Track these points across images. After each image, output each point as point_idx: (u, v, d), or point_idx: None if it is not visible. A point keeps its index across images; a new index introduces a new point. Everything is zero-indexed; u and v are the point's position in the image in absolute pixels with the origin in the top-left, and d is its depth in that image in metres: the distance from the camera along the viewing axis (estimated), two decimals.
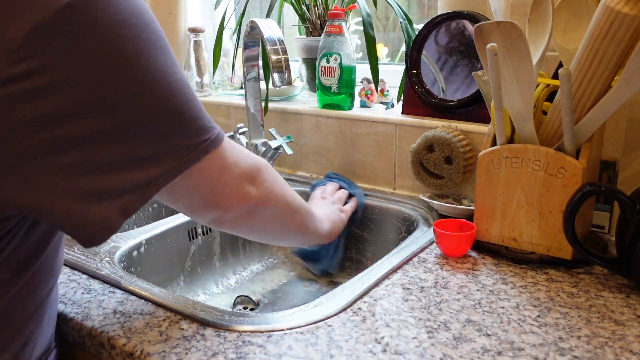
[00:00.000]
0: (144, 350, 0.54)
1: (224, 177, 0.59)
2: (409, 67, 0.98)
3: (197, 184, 0.57)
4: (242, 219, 0.65)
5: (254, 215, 0.65)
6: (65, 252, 0.78)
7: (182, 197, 0.58)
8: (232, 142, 0.60)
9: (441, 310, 0.61)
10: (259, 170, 0.64)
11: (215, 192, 0.59)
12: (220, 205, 0.61)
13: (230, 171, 0.60)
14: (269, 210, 0.67)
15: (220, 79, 1.36)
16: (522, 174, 0.71)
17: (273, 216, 0.69)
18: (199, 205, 0.60)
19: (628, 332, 0.56)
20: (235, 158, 0.61)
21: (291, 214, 0.72)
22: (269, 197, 0.66)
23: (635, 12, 0.61)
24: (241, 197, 0.62)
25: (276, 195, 0.68)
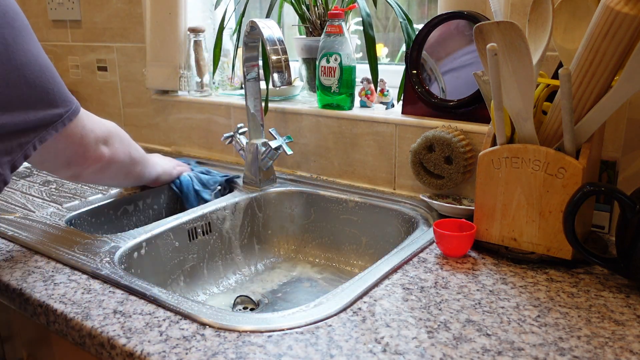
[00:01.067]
0: (144, 350, 0.54)
1: (84, 140, 0.75)
2: (409, 67, 0.98)
3: (62, 147, 0.73)
4: (96, 173, 0.83)
5: (106, 170, 0.83)
6: (65, 252, 0.78)
7: (49, 158, 0.75)
8: (87, 112, 0.77)
9: (441, 310, 0.61)
10: (110, 133, 0.82)
11: (77, 153, 0.76)
12: (80, 164, 0.78)
13: (88, 136, 0.76)
14: (117, 165, 0.85)
15: (220, 79, 1.36)
16: (522, 174, 0.71)
17: (120, 169, 0.88)
18: (62, 164, 0.77)
19: (628, 332, 0.56)
20: (91, 125, 0.77)
21: (134, 166, 0.92)
22: (118, 155, 0.84)
23: (635, 12, 0.61)
24: (97, 157, 0.79)
25: (124, 152, 0.86)
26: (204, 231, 0.94)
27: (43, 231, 0.86)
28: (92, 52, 1.56)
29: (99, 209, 1.00)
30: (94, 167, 0.80)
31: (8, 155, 0.65)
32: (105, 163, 0.82)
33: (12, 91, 0.63)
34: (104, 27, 1.50)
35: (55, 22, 1.62)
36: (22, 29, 0.65)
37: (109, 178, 0.90)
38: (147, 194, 1.09)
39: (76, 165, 0.78)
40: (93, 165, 0.80)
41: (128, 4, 1.43)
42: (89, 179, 0.85)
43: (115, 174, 0.89)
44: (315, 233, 1.05)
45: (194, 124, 1.33)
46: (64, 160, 0.76)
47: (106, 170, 0.84)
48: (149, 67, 1.36)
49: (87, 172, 0.81)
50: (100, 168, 0.82)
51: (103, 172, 0.84)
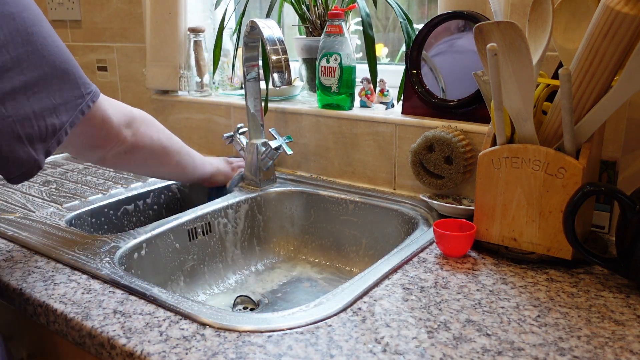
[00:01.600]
0: (144, 350, 0.54)
1: (105, 124, 0.75)
2: (409, 67, 0.98)
3: (85, 130, 0.72)
4: (121, 157, 0.82)
5: (131, 154, 0.83)
6: (65, 252, 0.78)
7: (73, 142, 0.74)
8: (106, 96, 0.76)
9: (441, 310, 0.61)
10: (133, 117, 0.81)
11: (99, 136, 0.75)
12: (103, 146, 0.77)
13: (109, 118, 0.75)
14: (144, 150, 0.84)
15: (220, 79, 1.36)
16: (522, 174, 0.71)
17: (149, 156, 0.86)
18: (85, 147, 0.77)
19: (628, 332, 0.56)
20: (113, 108, 0.76)
21: (166, 155, 0.89)
22: (144, 140, 0.83)
23: (635, 12, 0.61)
24: (120, 139, 0.78)
25: (151, 137, 0.85)
26: (204, 231, 0.94)
27: (43, 231, 0.86)
28: (92, 52, 1.56)
29: (99, 209, 1.00)
30: (117, 149, 0.79)
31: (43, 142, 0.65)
32: (129, 146, 0.81)
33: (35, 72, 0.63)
34: (104, 27, 1.50)
35: (55, 22, 1.62)
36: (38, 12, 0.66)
37: (139, 165, 0.89)
38: (147, 194, 1.09)
39: (99, 148, 0.78)
40: (116, 148, 0.79)
41: (128, 4, 1.43)
42: (116, 164, 0.84)
43: (145, 160, 0.87)
44: (315, 233, 1.05)
45: (194, 124, 1.33)
46: (87, 143, 0.76)
47: (132, 155, 0.83)
48: (149, 67, 1.36)
49: (110, 154, 0.80)
50: (125, 152, 0.81)
51: (129, 157, 0.83)
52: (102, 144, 0.77)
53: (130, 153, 0.82)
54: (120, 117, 0.77)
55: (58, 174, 1.19)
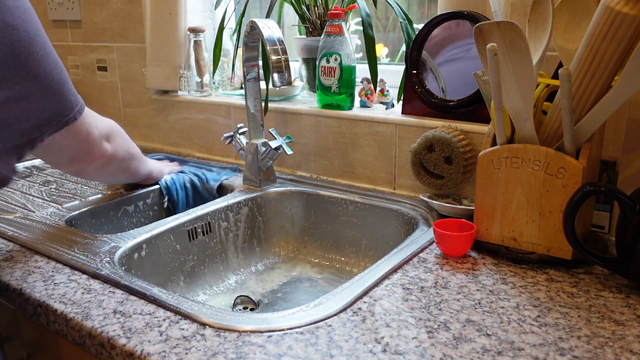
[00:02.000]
0: (144, 350, 0.54)
1: (89, 137, 0.77)
2: (409, 67, 0.98)
3: (69, 143, 0.74)
4: (99, 169, 0.85)
5: (107, 166, 0.85)
6: (65, 252, 0.78)
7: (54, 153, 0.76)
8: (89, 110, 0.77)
9: (441, 310, 0.61)
10: (112, 130, 0.84)
11: (82, 150, 0.78)
12: (84, 160, 0.80)
13: (93, 132, 0.77)
14: (117, 160, 0.87)
15: (220, 79, 1.36)
16: (522, 174, 0.71)
17: (120, 165, 0.90)
18: (66, 160, 0.79)
19: (628, 332, 0.56)
20: (95, 122, 0.79)
21: (131, 161, 0.94)
22: (119, 151, 0.87)
23: (635, 12, 0.61)
24: (101, 153, 0.81)
25: (124, 149, 0.89)
26: (204, 231, 0.94)
27: (43, 231, 0.86)
28: (92, 52, 1.56)
29: (99, 209, 1.00)
30: (97, 163, 0.82)
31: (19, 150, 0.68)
32: (107, 159, 0.84)
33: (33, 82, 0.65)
34: (104, 27, 1.50)
35: (55, 22, 1.62)
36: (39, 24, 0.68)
37: (110, 174, 0.92)
38: (147, 194, 1.08)
39: (80, 161, 0.80)
40: (97, 161, 0.82)
41: (128, 4, 1.43)
42: (91, 175, 0.87)
43: (116, 169, 0.91)
44: (315, 233, 1.05)
45: (194, 124, 1.33)
46: (68, 155, 0.78)
47: (107, 167, 0.86)
48: (149, 67, 1.36)
49: (90, 167, 0.83)
50: (103, 164, 0.84)
51: (104, 168, 0.86)
52: (83, 157, 0.80)
53: (107, 165, 0.86)
54: (102, 131, 0.81)
55: (58, 174, 1.19)
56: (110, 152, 0.84)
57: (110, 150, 0.84)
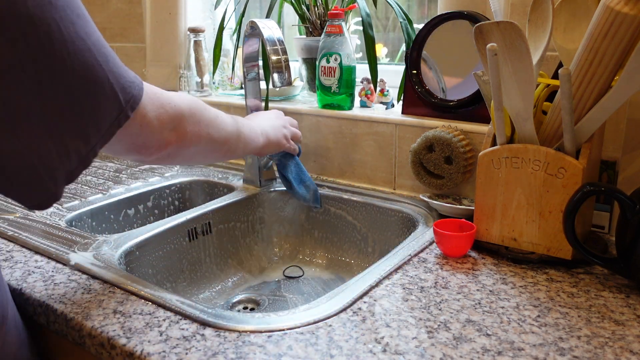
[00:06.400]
0: (144, 350, 0.54)
1: (144, 130, 0.62)
2: (409, 67, 0.98)
3: (119, 138, 0.59)
4: (163, 159, 0.70)
5: (175, 155, 0.71)
6: (65, 252, 0.78)
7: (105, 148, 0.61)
8: (153, 91, 0.63)
9: (441, 310, 0.61)
10: (180, 118, 0.68)
11: (137, 143, 0.63)
12: (141, 153, 0.65)
13: (151, 125, 0.62)
14: (190, 149, 0.72)
15: (220, 79, 1.36)
16: (522, 174, 0.71)
17: (196, 152, 0.74)
18: (120, 151, 0.65)
19: (628, 332, 0.56)
20: (157, 108, 0.63)
21: (215, 148, 0.78)
22: (190, 140, 0.70)
23: (635, 12, 0.61)
24: (161, 145, 0.66)
25: (199, 136, 0.72)
26: (204, 231, 0.94)
27: (43, 231, 0.86)
28: None
29: (99, 209, 1.00)
30: (158, 154, 0.67)
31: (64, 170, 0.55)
32: (172, 149, 0.68)
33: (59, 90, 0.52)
34: (104, 27, 1.50)
35: None
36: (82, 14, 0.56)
37: (185, 160, 0.77)
38: (147, 197, 1.09)
39: (136, 154, 0.66)
40: (157, 154, 0.67)
41: (128, 4, 1.43)
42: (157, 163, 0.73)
43: (192, 156, 0.76)
44: (315, 233, 1.05)
45: None
46: (120, 148, 0.64)
47: (176, 156, 0.72)
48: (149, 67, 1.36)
49: (150, 159, 0.68)
50: (167, 155, 0.69)
51: (173, 158, 0.72)
52: (139, 150, 0.65)
53: (174, 156, 0.71)
54: (164, 119, 0.65)
55: None
56: (175, 142, 0.68)
57: (174, 140, 0.67)
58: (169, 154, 0.69)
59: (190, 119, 0.69)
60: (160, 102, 0.64)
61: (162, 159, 0.70)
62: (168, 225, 0.88)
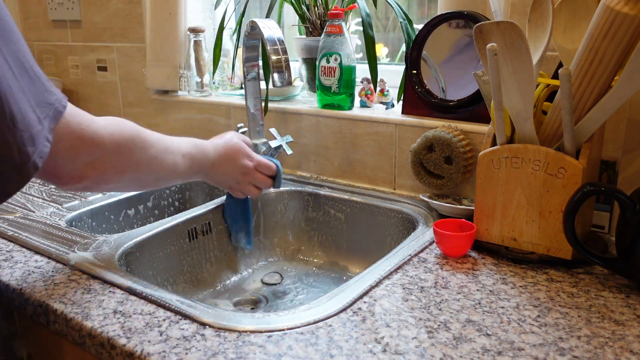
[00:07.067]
0: (144, 350, 0.54)
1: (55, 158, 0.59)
2: (409, 67, 0.98)
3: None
4: (81, 190, 0.66)
5: (93, 189, 0.67)
6: (65, 252, 0.78)
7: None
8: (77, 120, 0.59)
9: (441, 310, 0.61)
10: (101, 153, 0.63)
11: (47, 169, 0.59)
12: (53, 180, 0.62)
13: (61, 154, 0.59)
14: (111, 183, 0.68)
15: (220, 79, 1.36)
16: (522, 174, 0.71)
17: (116, 187, 0.70)
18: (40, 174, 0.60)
19: (628, 332, 0.56)
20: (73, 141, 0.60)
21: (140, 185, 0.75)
22: (110, 177, 0.66)
23: (635, 12, 0.61)
24: (74, 176, 0.62)
25: (122, 173, 0.67)
26: (204, 231, 0.94)
27: (43, 231, 0.86)
28: (92, 52, 1.56)
29: (99, 209, 1.00)
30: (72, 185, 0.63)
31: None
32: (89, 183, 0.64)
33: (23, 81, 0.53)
34: (104, 27, 1.50)
35: (55, 22, 1.62)
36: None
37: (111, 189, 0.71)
38: (147, 197, 1.09)
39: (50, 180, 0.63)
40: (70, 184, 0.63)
41: (128, 4, 1.43)
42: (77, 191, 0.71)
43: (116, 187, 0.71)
44: (315, 233, 1.05)
45: (194, 124, 1.33)
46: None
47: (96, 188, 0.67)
48: (149, 67, 1.36)
49: (66, 187, 0.64)
50: (84, 187, 0.65)
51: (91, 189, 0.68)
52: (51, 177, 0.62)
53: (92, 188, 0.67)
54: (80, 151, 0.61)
55: None
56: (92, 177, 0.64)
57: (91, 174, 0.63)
58: (85, 187, 0.65)
59: (114, 156, 0.65)
60: (80, 132, 0.60)
61: (78, 189, 0.66)
62: (168, 225, 0.88)
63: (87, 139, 0.61)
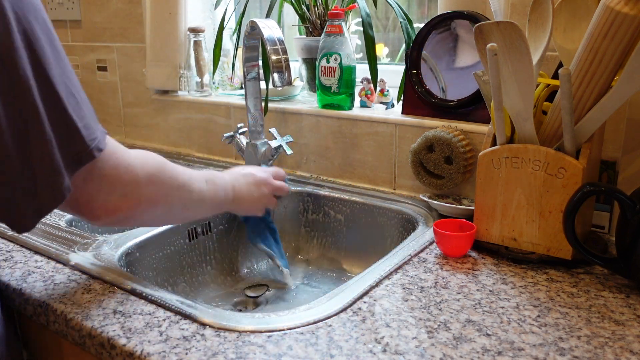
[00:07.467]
0: (144, 350, 0.54)
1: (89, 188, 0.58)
2: (409, 67, 0.98)
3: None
4: (113, 224, 0.64)
5: (126, 222, 0.65)
6: (65, 252, 0.78)
7: None
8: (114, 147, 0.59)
9: (441, 310, 0.61)
10: (135, 185, 0.62)
11: (79, 201, 0.58)
12: (87, 214, 0.60)
13: (97, 184, 0.59)
14: (146, 215, 0.67)
15: (220, 79, 1.36)
16: (522, 174, 0.71)
17: (151, 219, 0.71)
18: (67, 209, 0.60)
19: (628, 332, 0.56)
20: (110, 171, 0.59)
21: (173, 216, 0.73)
22: (145, 207, 0.65)
23: (635, 12, 0.61)
24: (108, 209, 0.60)
25: (156, 204, 0.66)
26: (204, 231, 0.94)
27: (43, 231, 0.86)
28: (92, 52, 1.56)
29: None
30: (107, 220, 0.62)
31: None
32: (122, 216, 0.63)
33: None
34: (104, 27, 1.50)
35: (55, 22, 1.62)
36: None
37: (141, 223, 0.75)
38: None
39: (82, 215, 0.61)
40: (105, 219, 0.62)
41: (128, 4, 1.43)
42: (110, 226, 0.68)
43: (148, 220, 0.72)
44: (315, 233, 1.05)
45: (194, 124, 1.33)
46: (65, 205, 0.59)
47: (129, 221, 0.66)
48: (149, 67, 1.36)
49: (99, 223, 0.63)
50: (118, 221, 0.64)
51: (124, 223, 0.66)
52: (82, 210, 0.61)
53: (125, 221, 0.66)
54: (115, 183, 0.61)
55: None
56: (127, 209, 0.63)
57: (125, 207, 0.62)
58: (120, 220, 0.64)
59: (146, 187, 0.64)
60: (115, 165, 0.60)
61: (114, 223, 0.64)
62: (168, 225, 0.88)
63: (122, 171, 0.60)
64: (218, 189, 0.78)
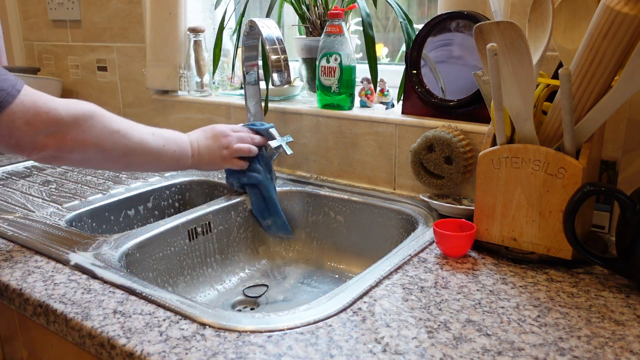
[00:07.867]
0: (144, 350, 0.54)
1: (14, 133, 0.70)
2: (409, 67, 0.98)
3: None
4: (49, 160, 0.75)
5: (59, 158, 0.75)
6: (65, 252, 0.78)
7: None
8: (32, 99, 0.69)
9: (441, 310, 0.61)
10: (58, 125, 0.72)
11: (10, 143, 0.70)
12: (18, 151, 0.72)
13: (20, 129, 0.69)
14: (74, 155, 0.76)
15: (220, 79, 1.36)
16: (522, 174, 0.71)
17: (85, 159, 0.78)
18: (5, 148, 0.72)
19: (628, 332, 0.56)
20: (29, 117, 0.69)
21: (112, 158, 0.80)
22: (72, 147, 0.74)
23: (635, 12, 0.61)
24: (35, 147, 0.72)
25: (84, 144, 0.75)
26: (204, 231, 0.94)
27: (43, 231, 0.86)
28: (92, 52, 1.56)
29: (99, 209, 1.00)
30: (39, 155, 0.73)
31: None
32: (52, 152, 0.73)
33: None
34: (104, 27, 1.50)
35: (55, 22, 1.62)
36: None
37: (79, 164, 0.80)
38: (148, 197, 1.08)
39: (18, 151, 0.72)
40: (36, 154, 0.73)
41: (128, 4, 1.43)
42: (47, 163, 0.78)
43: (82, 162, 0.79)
44: (315, 233, 1.05)
45: (194, 124, 1.33)
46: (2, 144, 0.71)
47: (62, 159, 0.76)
48: (149, 67, 1.36)
49: (34, 157, 0.73)
50: (51, 157, 0.74)
51: (59, 160, 0.76)
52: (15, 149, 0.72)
53: (58, 158, 0.76)
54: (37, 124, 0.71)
55: (58, 174, 1.19)
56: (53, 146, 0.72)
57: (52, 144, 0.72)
58: (52, 156, 0.74)
59: (73, 128, 0.73)
60: (35, 110, 0.70)
61: (46, 159, 0.75)
62: (168, 225, 0.88)
63: (43, 114, 0.71)
64: (169, 142, 0.85)
